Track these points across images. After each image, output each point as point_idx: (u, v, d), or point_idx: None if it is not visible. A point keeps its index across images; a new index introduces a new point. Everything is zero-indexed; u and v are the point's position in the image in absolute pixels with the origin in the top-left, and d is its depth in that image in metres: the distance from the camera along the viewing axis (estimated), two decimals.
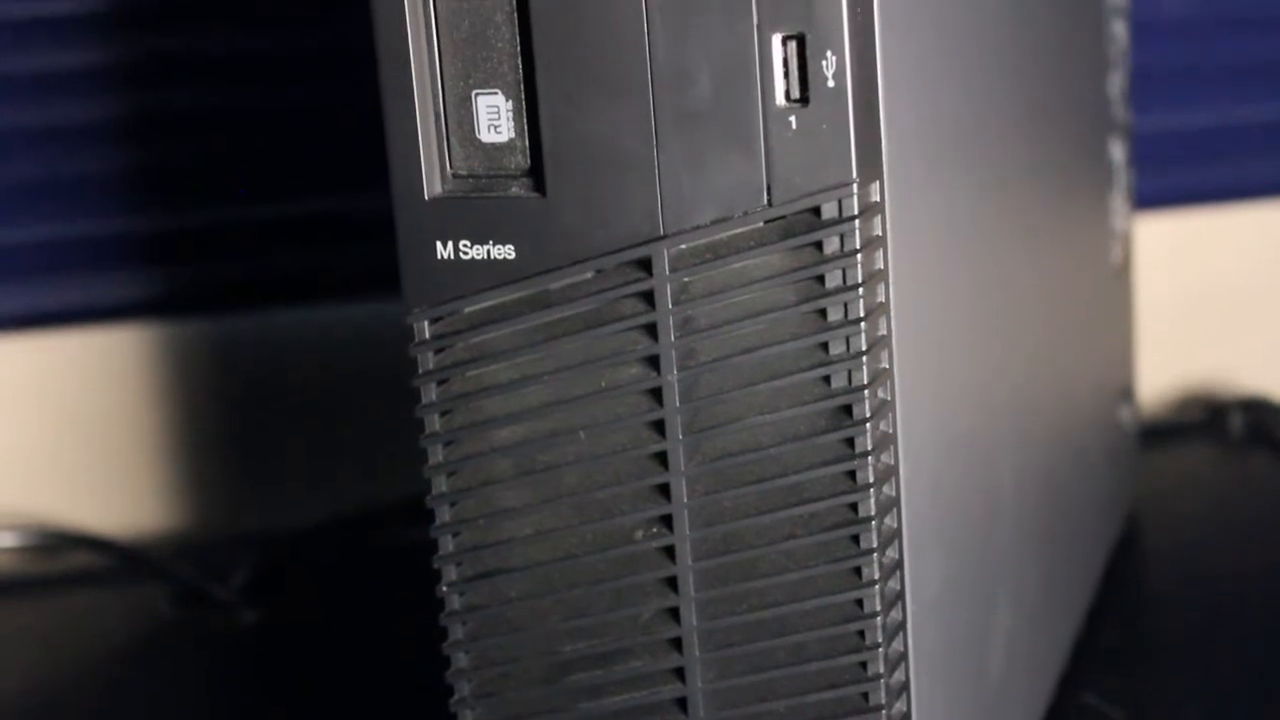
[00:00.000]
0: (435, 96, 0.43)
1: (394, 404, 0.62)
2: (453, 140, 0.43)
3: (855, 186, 0.40)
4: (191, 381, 0.80)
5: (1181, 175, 0.84)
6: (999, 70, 0.50)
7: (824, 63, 0.40)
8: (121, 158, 0.79)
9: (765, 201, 0.41)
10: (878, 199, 0.42)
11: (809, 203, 0.41)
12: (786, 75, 0.40)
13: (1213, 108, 0.84)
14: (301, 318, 0.80)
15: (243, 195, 0.79)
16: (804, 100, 0.40)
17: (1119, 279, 0.68)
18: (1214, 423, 0.80)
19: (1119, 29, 0.65)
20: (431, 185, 0.43)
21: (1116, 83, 0.65)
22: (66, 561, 0.76)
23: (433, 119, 0.43)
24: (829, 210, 0.41)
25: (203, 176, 0.79)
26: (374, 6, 0.43)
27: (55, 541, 0.76)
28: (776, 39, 0.40)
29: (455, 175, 0.44)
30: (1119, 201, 0.67)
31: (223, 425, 0.80)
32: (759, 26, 0.40)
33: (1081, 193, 0.62)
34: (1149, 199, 0.81)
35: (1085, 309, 0.63)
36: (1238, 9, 0.83)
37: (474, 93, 0.43)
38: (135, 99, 0.78)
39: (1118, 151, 0.66)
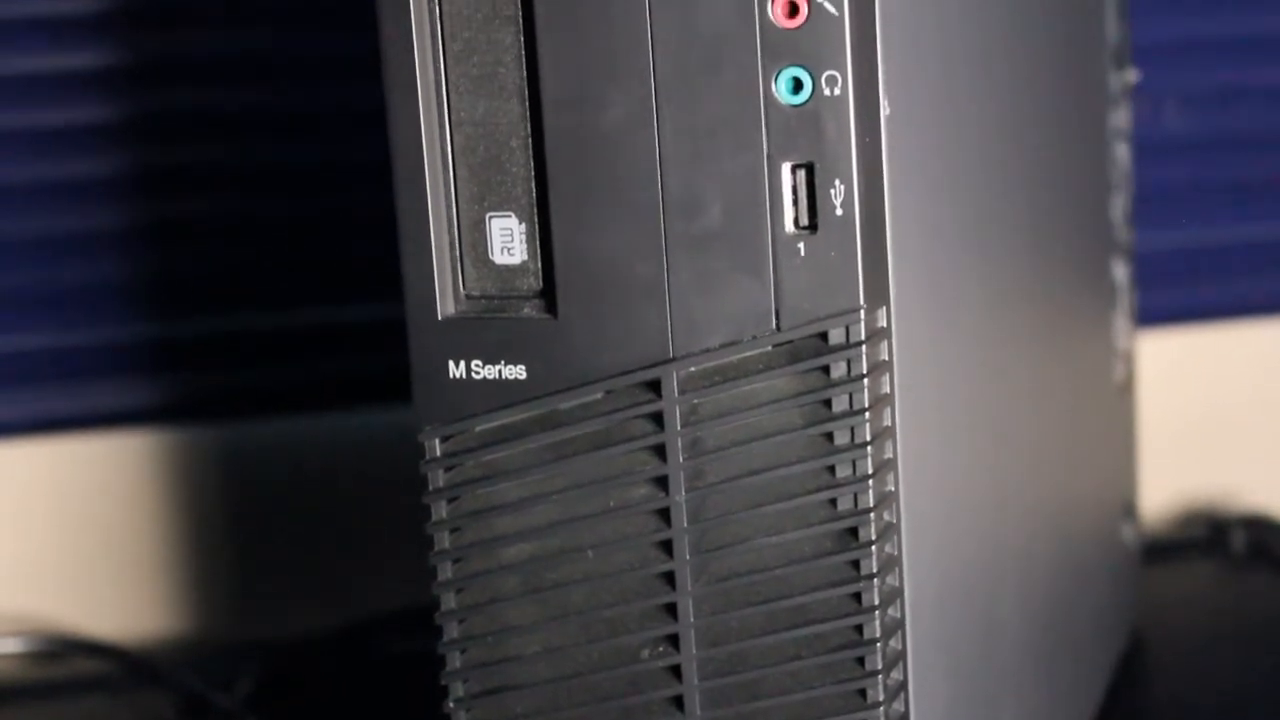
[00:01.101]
0: (450, 218, 0.44)
1: (400, 513, 0.63)
2: (466, 261, 0.44)
3: (862, 312, 0.41)
4: (198, 488, 0.80)
5: (1184, 292, 0.85)
6: (1003, 195, 0.51)
7: (832, 191, 0.41)
8: (132, 265, 0.79)
9: (774, 326, 0.42)
10: (884, 324, 0.42)
11: (817, 328, 0.41)
12: (795, 203, 0.41)
13: (1214, 225, 0.85)
14: (309, 426, 0.80)
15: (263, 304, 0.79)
16: (812, 227, 0.41)
17: (1121, 397, 0.69)
18: (1216, 540, 0.80)
19: (1121, 152, 0.66)
20: (445, 305, 0.44)
21: (1119, 205, 0.66)
22: (71, 667, 0.76)
23: (447, 240, 0.44)
24: (836, 335, 0.41)
25: (212, 285, 0.80)
26: (392, 129, 0.44)
27: (60, 647, 0.76)
28: (786, 167, 0.41)
29: (468, 296, 0.44)
30: (1121, 321, 0.68)
31: (229, 532, 0.80)
32: (769, 155, 0.41)
33: (1084, 312, 0.63)
34: (1152, 315, 0.82)
35: (1088, 427, 0.63)
36: (1238, 128, 0.84)
37: (488, 215, 0.44)
38: (147, 207, 0.79)
39: (1120, 272, 0.67)
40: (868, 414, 0.42)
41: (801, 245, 0.41)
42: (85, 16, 0.77)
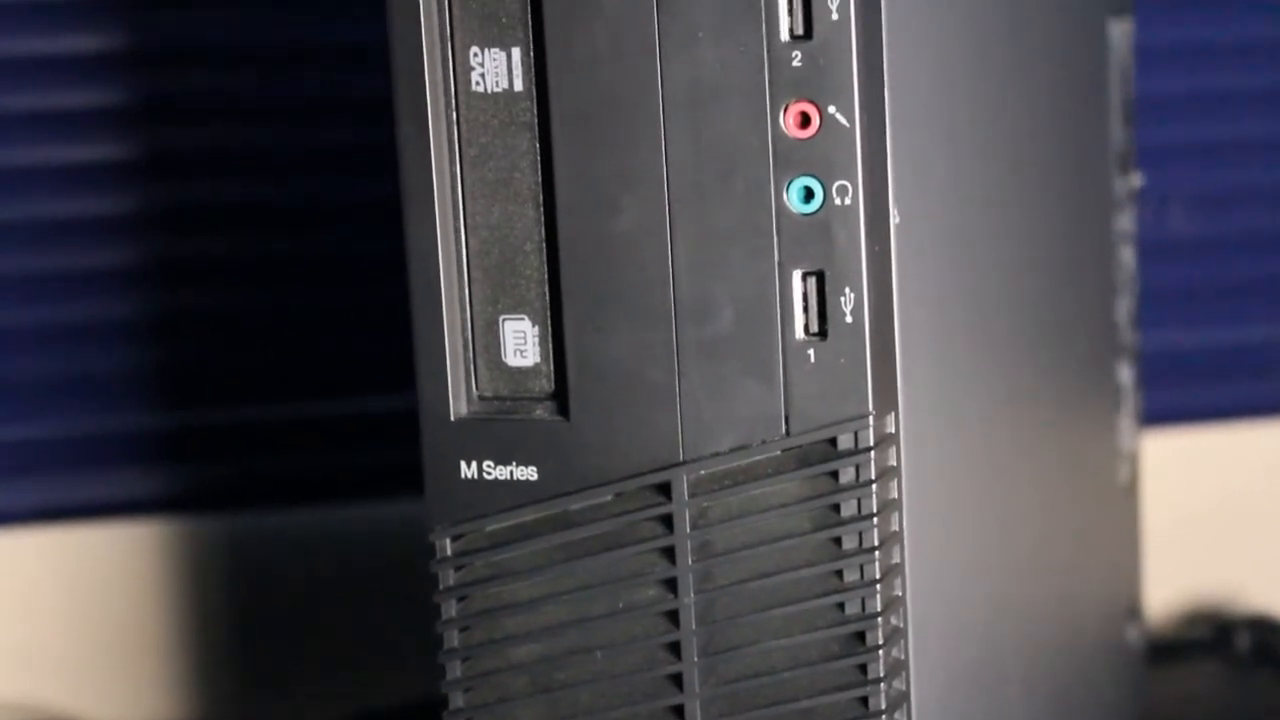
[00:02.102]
0: (464, 320, 0.44)
1: (407, 607, 0.63)
2: (479, 363, 0.45)
3: (871, 419, 0.42)
4: (206, 579, 0.80)
5: (1189, 392, 0.85)
6: (1010, 301, 0.52)
7: (842, 299, 0.41)
8: (141, 354, 0.80)
9: (783, 431, 0.42)
10: (892, 430, 0.43)
11: (826, 433, 0.42)
12: (806, 310, 0.42)
13: (1219, 326, 0.86)
14: (316, 518, 0.81)
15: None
16: (822, 334, 0.42)
17: (1126, 497, 0.69)
18: (1220, 641, 0.80)
19: (1126, 255, 0.67)
20: (458, 406, 0.44)
21: (1124, 307, 0.67)
22: None
23: (461, 342, 0.45)
24: (845, 441, 0.42)
25: (221, 375, 0.80)
26: (408, 232, 0.44)
27: None
28: (797, 274, 0.42)
29: (481, 397, 0.45)
30: (1126, 422, 0.68)
31: (236, 623, 0.81)
32: (780, 263, 0.42)
33: (1089, 414, 0.63)
34: (1156, 415, 0.82)
35: (1092, 529, 0.64)
36: (1244, 229, 0.85)
37: (502, 317, 0.44)
38: (156, 297, 0.79)
39: (1125, 374, 0.67)
40: (876, 519, 0.42)
41: (811, 352, 0.42)
42: (97, 107, 0.78)
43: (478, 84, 0.44)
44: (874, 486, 0.42)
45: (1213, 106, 0.84)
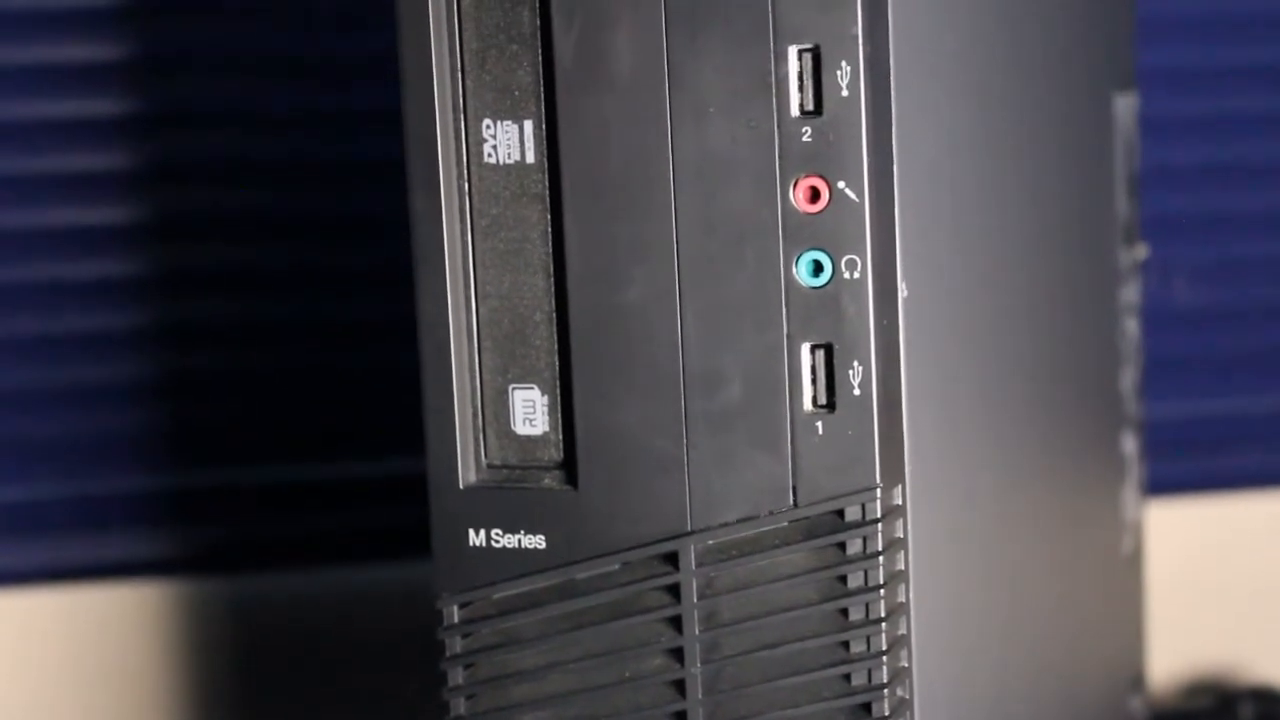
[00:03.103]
0: (474, 388, 0.45)
1: (412, 671, 0.63)
2: (489, 431, 0.45)
3: (878, 491, 0.42)
4: (208, 640, 0.80)
5: (1194, 462, 0.86)
6: (1016, 373, 0.52)
7: (851, 371, 0.42)
8: (146, 415, 0.80)
9: (791, 502, 0.42)
10: (899, 502, 0.43)
11: (833, 505, 0.42)
12: (814, 382, 0.42)
13: (1223, 396, 0.86)
14: (322, 580, 0.81)
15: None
16: (830, 406, 0.42)
17: (1129, 568, 0.69)
18: (1224, 711, 0.80)
19: (1131, 327, 0.67)
20: (466, 474, 0.45)
21: (1129, 378, 0.67)
22: None
23: (470, 410, 0.45)
24: (852, 513, 0.42)
25: (226, 437, 0.81)
26: (419, 301, 0.45)
27: None
28: (805, 347, 0.42)
29: (490, 465, 0.45)
30: (1130, 493, 0.68)
31: (239, 684, 0.81)
32: (789, 335, 0.42)
33: (1093, 486, 0.63)
34: (1160, 485, 0.82)
35: (1096, 600, 0.64)
36: (1249, 299, 0.85)
37: (511, 386, 0.45)
38: (161, 358, 0.80)
39: (1129, 444, 0.68)
40: (882, 590, 0.42)
41: (819, 424, 0.42)
42: (108, 171, 0.78)
43: (490, 155, 0.44)
44: (881, 558, 0.42)
45: (1217, 177, 0.84)
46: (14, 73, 0.77)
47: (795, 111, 0.41)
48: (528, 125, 0.44)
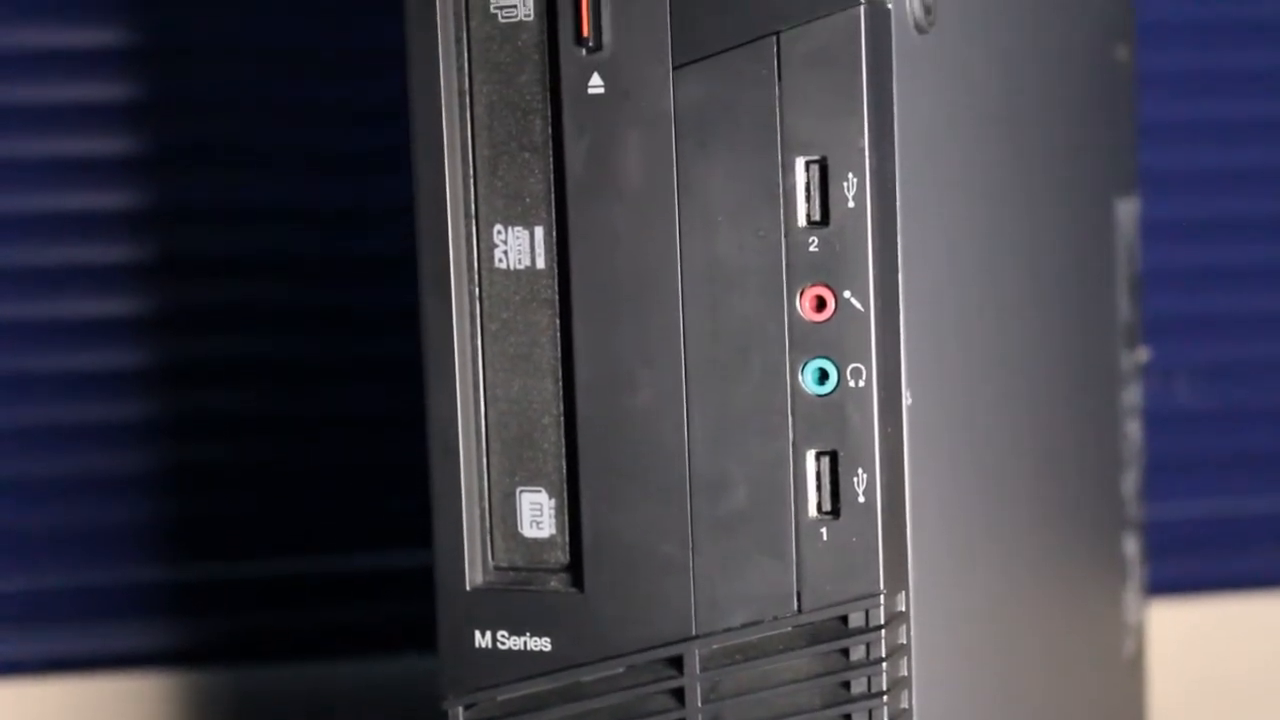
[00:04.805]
0: (482, 491, 0.45)
1: None
2: (496, 533, 0.45)
3: (882, 598, 0.42)
4: None
5: (1195, 564, 0.86)
6: (1019, 478, 0.52)
7: (855, 479, 0.42)
8: (149, 507, 0.80)
9: (795, 608, 0.43)
10: (903, 608, 0.43)
11: (837, 611, 0.42)
12: (819, 489, 0.42)
13: (1225, 497, 0.86)
14: (323, 672, 0.81)
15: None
16: (835, 513, 0.42)
17: (1131, 671, 0.69)
18: None
19: (1133, 429, 0.68)
20: (474, 576, 0.45)
21: (1130, 480, 0.68)
22: None
23: (478, 512, 0.45)
24: (856, 619, 0.42)
25: (228, 529, 0.81)
26: (429, 404, 0.45)
27: None
28: (810, 454, 0.42)
29: (497, 567, 0.45)
30: (1132, 595, 0.68)
31: None
32: (794, 442, 0.42)
33: (1095, 588, 0.63)
34: (1162, 586, 0.82)
35: (1098, 701, 0.64)
36: (1250, 400, 0.86)
37: (519, 489, 0.45)
38: (165, 452, 0.80)
39: (1131, 547, 0.68)
40: (886, 697, 0.42)
41: (824, 530, 0.42)
42: (117, 263, 0.79)
43: (501, 260, 0.45)
44: (884, 664, 0.42)
45: (1216, 279, 0.85)
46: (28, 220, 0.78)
47: (802, 221, 0.42)
48: (538, 231, 0.44)
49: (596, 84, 0.43)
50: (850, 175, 0.42)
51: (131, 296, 0.79)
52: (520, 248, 0.44)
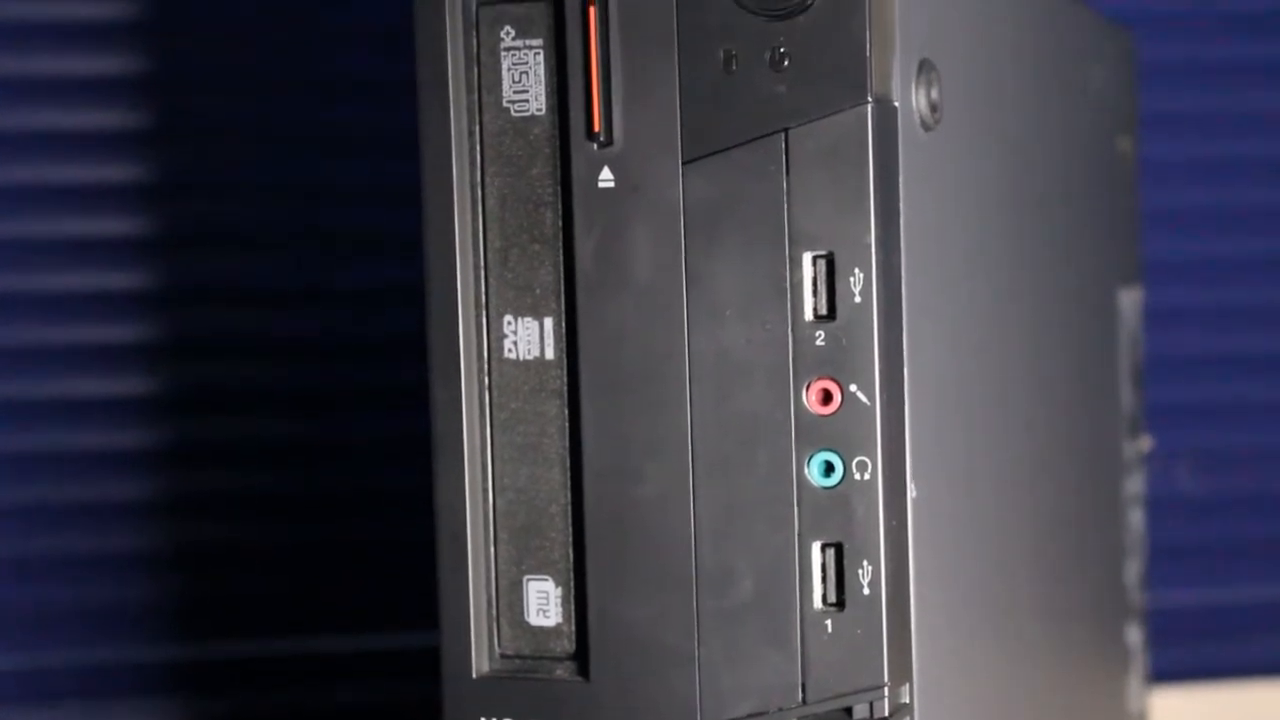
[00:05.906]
0: (488, 579, 0.45)
1: None
2: (502, 621, 0.46)
3: (886, 689, 0.42)
4: None
5: (1198, 651, 0.86)
6: (1021, 572, 0.53)
7: (860, 571, 0.42)
8: (153, 587, 0.80)
9: (800, 699, 0.43)
10: (907, 700, 0.43)
11: (841, 703, 0.43)
12: (824, 580, 0.43)
13: (1227, 585, 0.86)
14: None
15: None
16: (840, 605, 0.43)
17: None
18: None
19: (1135, 518, 0.68)
20: (480, 664, 0.45)
21: (1133, 569, 0.68)
22: None
23: (484, 600, 0.45)
24: (860, 711, 0.43)
25: (232, 609, 0.81)
26: (437, 493, 0.45)
27: None
28: (816, 546, 0.43)
29: (503, 655, 0.46)
30: (1134, 683, 0.68)
31: None
32: (800, 534, 0.43)
33: (1098, 678, 0.63)
34: (1165, 674, 0.82)
35: None
36: (1252, 489, 0.86)
37: (525, 578, 0.45)
38: (162, 530, 0.80)
39: (1134, 636, 0.68)
40: None
41: (829, 622, 0.43)
42: (123, 343, 0.79)
43: (510, 351, 0.45)
44: None
45: (1218, 367, 0.85)
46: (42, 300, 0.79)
47: (809, 316, 0.42)
48: (548, 322, 0.45)
49: (607, 178, 0.43)
50: (856, 270, 0.42)
51: (134, 376, 0.79)
52: (530, 338, 0.45)
